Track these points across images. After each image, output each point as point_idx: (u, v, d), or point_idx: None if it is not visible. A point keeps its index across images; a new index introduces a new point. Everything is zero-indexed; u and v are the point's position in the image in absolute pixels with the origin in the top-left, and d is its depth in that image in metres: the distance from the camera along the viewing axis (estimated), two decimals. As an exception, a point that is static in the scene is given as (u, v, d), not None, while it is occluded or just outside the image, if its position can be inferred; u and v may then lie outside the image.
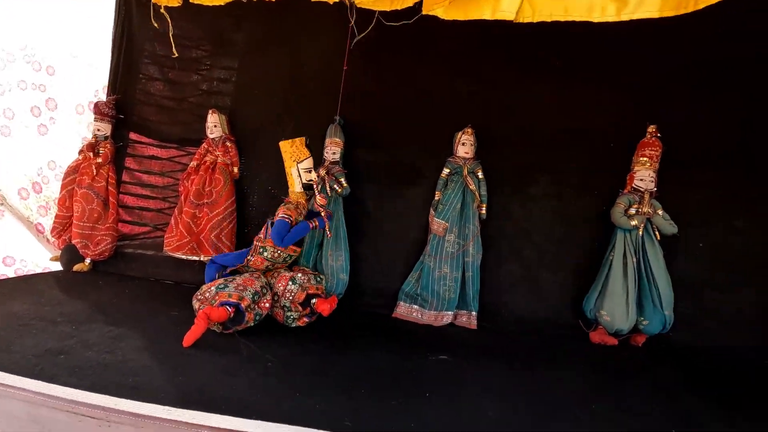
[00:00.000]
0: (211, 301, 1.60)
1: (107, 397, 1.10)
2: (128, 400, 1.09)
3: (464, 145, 2.10)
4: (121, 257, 2.39)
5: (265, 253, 1.84)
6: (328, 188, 2.10)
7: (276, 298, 1.75)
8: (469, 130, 2.11)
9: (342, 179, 2.14)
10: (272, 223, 1.83)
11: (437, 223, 2.08)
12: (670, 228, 1.90)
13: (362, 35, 1.69)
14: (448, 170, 2.13)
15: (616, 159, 2.03)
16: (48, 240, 2.46)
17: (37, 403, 1.11)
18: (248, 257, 1.84)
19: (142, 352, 1.41)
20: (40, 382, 1.15)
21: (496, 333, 1.95)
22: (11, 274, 2.25)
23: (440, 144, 2.18)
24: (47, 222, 2.48)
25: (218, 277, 1.81)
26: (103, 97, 2.66)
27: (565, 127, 2.07)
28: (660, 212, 1.92)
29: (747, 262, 1.91)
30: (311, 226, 1.91)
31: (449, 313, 2.04)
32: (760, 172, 1.89)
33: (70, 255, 2.31)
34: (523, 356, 1.71)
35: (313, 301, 1.79)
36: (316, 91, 2.32)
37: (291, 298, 1.75)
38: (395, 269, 2.17)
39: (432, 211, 2.13)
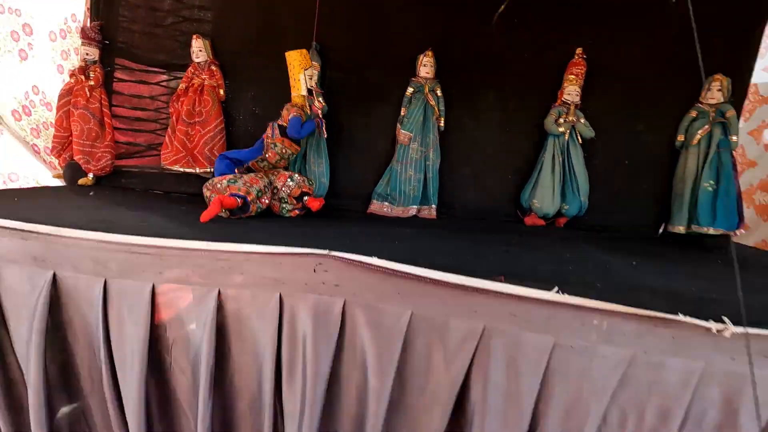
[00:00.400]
0: (223, 191, 1.95)
1: (159, 239, 1.46)
2: (176, 240, 1.46)
3: (425, 66, 2.45)
4: (121, 174, 2.64)
5: (276, 149, 2.16)
6: (307, 107, 2.42)
7: (275, 192, 2.11)
8: (430, 52, 2.45)
9: (320, 99, 2.46)
10: (279, 125, 2.14)
11: (403, 134, 2.46)
12: (589, 132, 2.38)
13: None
14: (411, 89, 2.49)
15: (550, 77, 2.45)
16: (45, 160, 2.66)
17: (101, 248, 1.47)
18: (264, 153, 2.16)
19: (170, 223, 1.77)
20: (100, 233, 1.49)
21: (450, 220, 2.43)
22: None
23: (404, 66, 2.52)
24: (41, 143, 2.67)
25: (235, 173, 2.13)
26: (72, 27, 2.78)
27: (508, 50, 2.45)
28: (582, 120, 2.38)
29: (645, 159, 2.44)
30: (317, 122, 2.25)
31: (414, 207, 2.48)
32: (655, 86, 2.37)
33: (73, 171, 2.54)
34: (469, 230, 2.19)
35: (305, 198, 2.17)
36: (291, 18, 2.56)
37: (288, 192, 2.12)
38: (367, 174, 2.57)
39: (398, 125, 2.50)
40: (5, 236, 1.53)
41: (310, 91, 2.28)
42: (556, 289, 1.27)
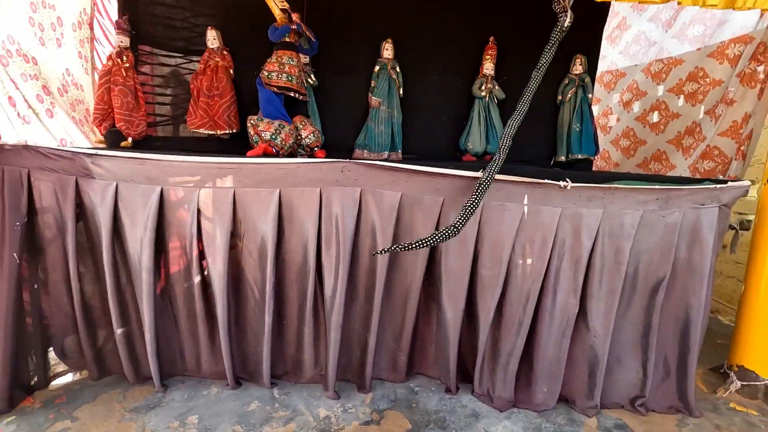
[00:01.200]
0: (266, 141, 2.69)
1: (238, 157, 2.28)
2: (249, 158, 2.28)
3: (387, 51, 3.39)
4: (153, 139, 3.31)
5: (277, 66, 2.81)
6: (303, 81, 3.25)
7: (299, 138, 2.88)
8: (390, 40, 3.39)
9: (311, 75, 3.31)
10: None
11: (374, 100, 3.39)
12: (501, 95, 3.45)
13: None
14: (378, 67, 3.41)
15: (476, 56, 3.50)
16: (82, 130, 3.25)
17: (197, 167, 2.25)
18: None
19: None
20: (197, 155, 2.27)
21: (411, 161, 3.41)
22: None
23: (373, 48, 3.43)
24: (77, 116, 3.26)
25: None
26: (84, 19, 3.39)
27: (448, 34, 3.46)
28: (497, 87, 3.45)
29: (540, 111, 3.58)
30: (291, 26, 2.79)
31: (385, 153, 3.42)
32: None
33: (114, 137, 3.17)
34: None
35: (315, 149, 3.00)
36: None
37: (308, 143, 2.91)
38: (348, 131, 3.47)
39: (370, 93, 3.42)
40: (128, 163, 2.25)
41: (284, 10, 2.79)
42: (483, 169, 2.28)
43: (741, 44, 3.28)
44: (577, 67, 3.42)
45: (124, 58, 3.15)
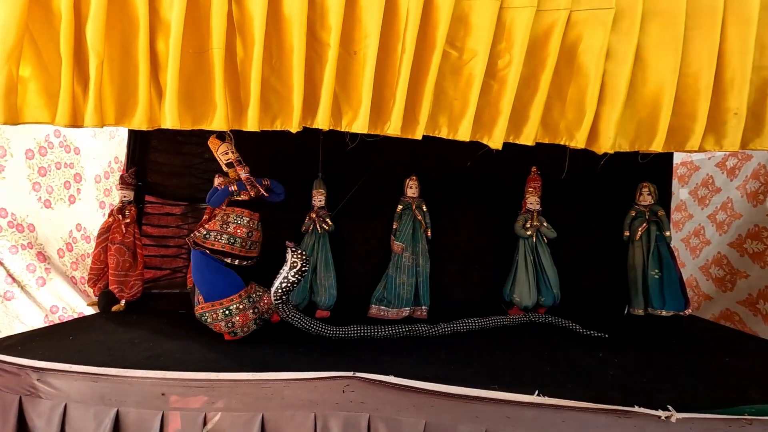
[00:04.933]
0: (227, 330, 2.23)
1: (211, 373, 1.77)
2: (225, 373, 1.77)
3: (411, 188, 2.95)
4: (149, 297, 2.96)
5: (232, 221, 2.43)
6: (318, 227, 2.85)
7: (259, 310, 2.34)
8: (414, 177, 2.97)
9: (328, 219, 2.91)
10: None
11: (396, 245, 2.89)
12: (551, 234, 2.84)
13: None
14: (401, 206, 2.96)
15: (516, 190, 2.98)
16: (80, 290, 2.97)
17: (160, 384, 1.76)
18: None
19: (214, 352, 2.07)
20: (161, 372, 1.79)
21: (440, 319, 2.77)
22: (56, 320, 2.76)
23: (394, 187, 3.02)
24: (78, 275, 3.00)
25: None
26: (115, 168, 3.27)
27: (480, 173, 3.00)
28: (545, 224, 2.86)
29: (601, 252, 2.91)
30: (230, 189, 2.46)
31: (407, 308, 2.82)
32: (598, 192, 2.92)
33: (107, 299, 2.84)
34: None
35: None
36: (299, 150, 3.07)
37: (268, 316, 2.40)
38: (367, 283, 2.94)
39: (392, 237, 2.94)
40: (78, 380, 1.81)
41: (230, 164, 2.50)
42: (536, 392, 1.62)
43: None
44: (645, 198, 2.78)
45: (126, 212, 2.92)
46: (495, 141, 1.71)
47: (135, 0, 1.61)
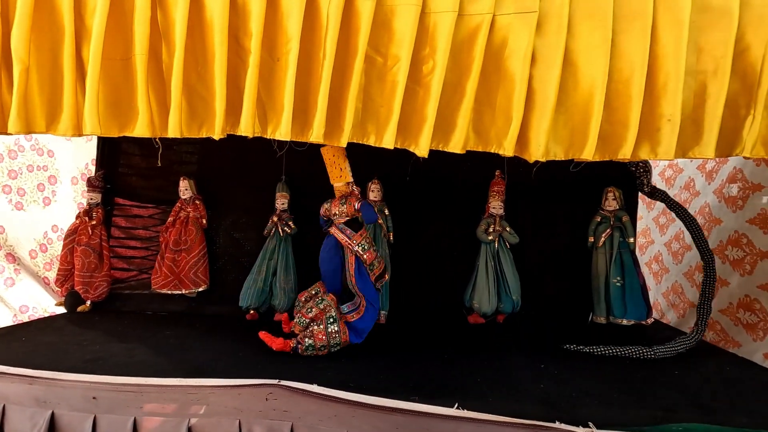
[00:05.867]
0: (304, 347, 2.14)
1: (140, 378, 1.78)
2: (154, 378, 1.78)
3: (373, 192, 2.93)
4: (116, 298, 3.01)
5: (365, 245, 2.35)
6: (280, 230, 2.86)
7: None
8: (376, 180, 2.95)
9: (290, 222, 2.91)
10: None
11: (358, 249, 2.87)
12: (514, 239, 2.79)
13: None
14: (364, 210, 2.95)
15: (480, 194, 2.93)
16: (53, 290, 3.04)
17: (93, 388, 1.78)
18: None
19: (154, 356, 2.09)
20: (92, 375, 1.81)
21: (399, 323, 2.74)
22: (26, 320, 2.83)
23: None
24: (51, 275, 3.07)
25: None
26: (92, 169, 3.33)
27: (445, 176, 2.95)
28: (507, 229, 2.81)
29: (564, 258, 2.84)
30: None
31: (370, 313, 2.81)
32: (564, 196, 2.85)
33: (73, 299, 2.90)
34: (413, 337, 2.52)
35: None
36: (261, 155, 3.07)
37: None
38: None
39: (355, 241, 2.92)
40: (15, 382, 1.85)
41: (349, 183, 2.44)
42: (456, 405, 1.59)
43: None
44: (610, 203, 2.71)
45: (93, 215, 2.97)
46: (421, 149, 1.67)
47: (61, 7, 1.63)
